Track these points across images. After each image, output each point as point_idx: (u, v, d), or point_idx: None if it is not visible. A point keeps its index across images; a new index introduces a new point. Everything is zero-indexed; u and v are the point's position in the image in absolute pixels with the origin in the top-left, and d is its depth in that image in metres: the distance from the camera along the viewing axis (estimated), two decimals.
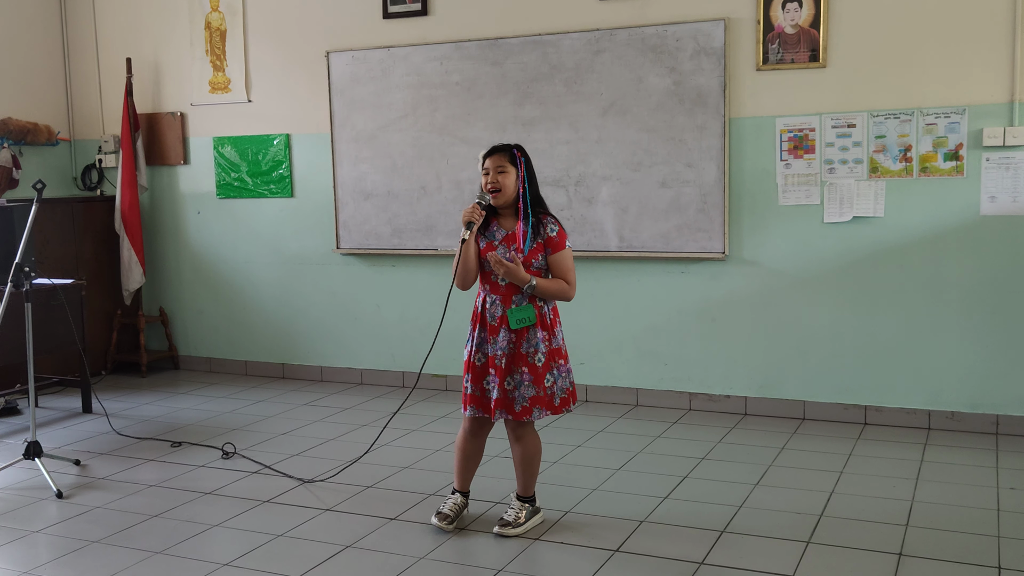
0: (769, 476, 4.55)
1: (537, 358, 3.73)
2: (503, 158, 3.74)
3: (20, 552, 3.84)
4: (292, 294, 6.86)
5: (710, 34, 5.43)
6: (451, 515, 3.93)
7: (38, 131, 6.95)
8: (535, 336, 3.73)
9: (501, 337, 3.74)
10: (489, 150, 3.79)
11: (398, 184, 6.30)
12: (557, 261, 3.74)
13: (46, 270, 6.20)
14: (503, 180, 3.71)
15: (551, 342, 3.77)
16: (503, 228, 3.79)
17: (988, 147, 5.01)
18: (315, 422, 5.71)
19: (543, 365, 3.74)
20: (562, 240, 3.75)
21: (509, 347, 3.73)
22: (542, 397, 3.74)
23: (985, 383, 5.16)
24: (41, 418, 5.90)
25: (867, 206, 5.26)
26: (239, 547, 3.83)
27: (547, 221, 3.75)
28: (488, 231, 3.81)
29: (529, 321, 3.70)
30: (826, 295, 5.41)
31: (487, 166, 3.76)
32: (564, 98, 5.79)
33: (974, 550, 3.64)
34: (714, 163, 5.49)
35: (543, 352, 3.73)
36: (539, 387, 3.73)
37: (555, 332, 3.80)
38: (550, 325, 3.78)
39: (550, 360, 3.76)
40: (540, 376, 3.73)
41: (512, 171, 3.72)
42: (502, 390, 3.75)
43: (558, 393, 3.79)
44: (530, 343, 3.74)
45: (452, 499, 4.00)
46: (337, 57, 6.40)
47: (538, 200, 3.79)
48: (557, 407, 3.79)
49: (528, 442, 3.87)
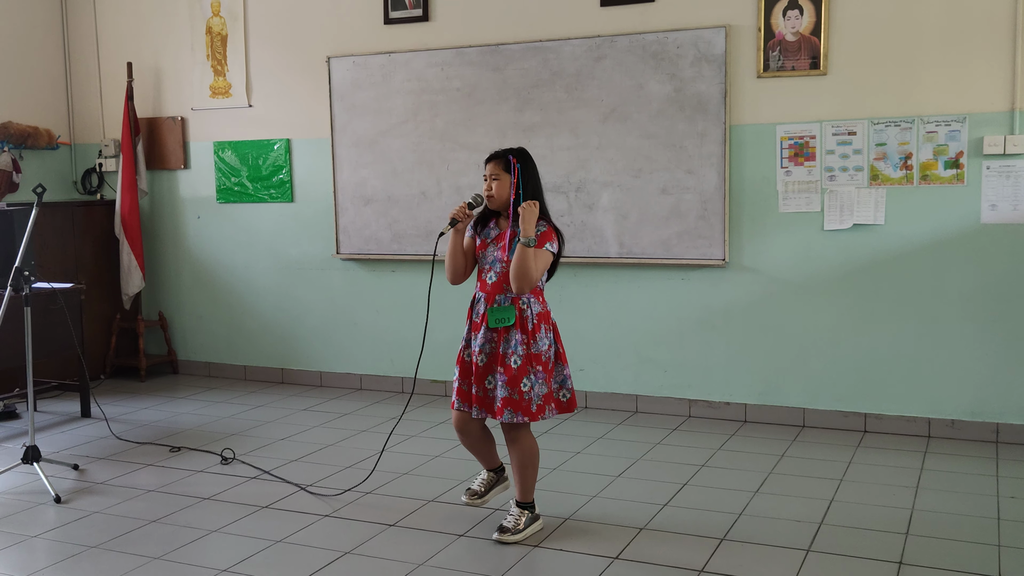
0: (769, 483, 4.54)
1: (513, 360, 3.76)
2: (498, 166, 3.83)
3: (18, 557, 3.83)
4: (292, 299, 6.85)
5: (711, 41, 5.43)
6: (480, 491, 4.06)
7: (39, 135, 6.95)
8: (513, 338, 3.77)
9: (481, 335, 3.82)
10: (489, 156, 3.89)
11: (398, 189, 6.30)
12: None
13: (46, 274, 6.19)
14: (496, 187, 3.82)
15: (530, 347, 3.77)
16: (498, 227, 3.90)
17: (989, 155, 5.01)
18: (314, 427, 5.70)
19: (519, 368, 3.75)
20: (543, 239, 3.76)
21: (489, 346, 3.80)
22: (516, 400, 3.74)
23: (985, 391, 5.15)
24: (40, 422, 5.89)
25: (867, 214, 5.26)
26: (238, 553, 3.82)
27: (539, 224, 3.78)
28: (485, 229, 3.92)
29: (507, 322, 3.75)
30: (826, 303, 5.41)
31: (486, 172, 3.87)
32: (565, 104, 5.79)
33: (974, 559, 3.63)
34: (714, 170, 5.50)
35: (520, 355, 3.76)
36: (513, 389, 3.74)
37: (536, 338, 3.79)
38: (531, 330, 3.78)
39: (527, 364, 3.76)
40: (515, 379, 3.74)
41: (505, 178, 3.81)
42: (481, 388, 3.82)
43: (535, 399, 3.77)
44: (508, 344, 3.77)
45: (481, 475, 4.12)
46: (338, 62, 6.40)
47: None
48: (534, 413, 3.77)
49: (522, 445, 3.87)
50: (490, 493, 4.10)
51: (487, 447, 4.06)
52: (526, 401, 3.75)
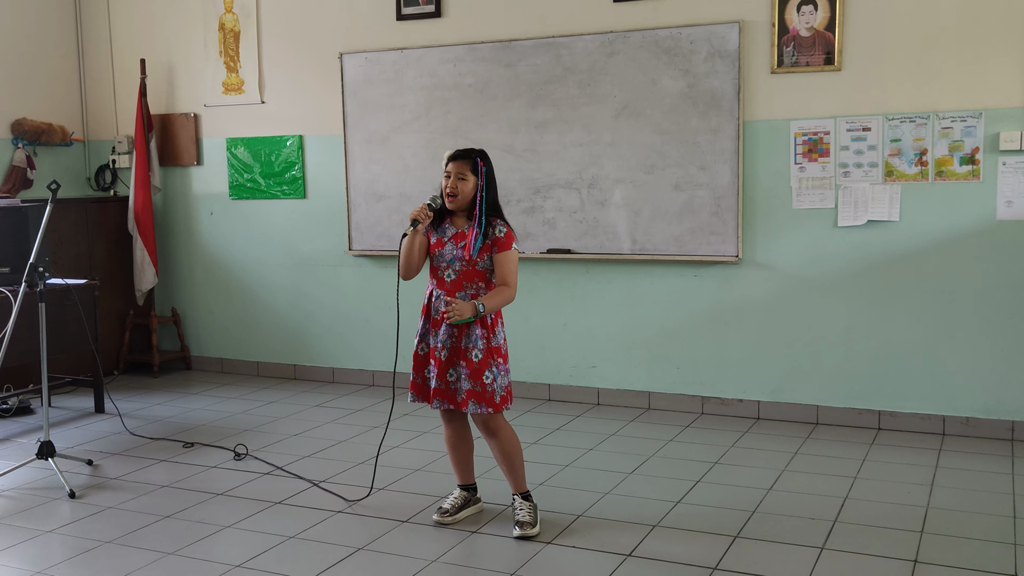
0: (782, 481, 4.52)
1: (475, 354, 3.84)
2: (465, 166, 3.86)
3: (33, 552, 3.85)
4: (304, 295, 6.86)
5: (724, 36, 5.41)
6: (449, 509, 4.07)
7: (52, 131, 6.98)
8: (474, 332, 3.85)
9: (442, 331, 3.89)
10: (453, 154, 3.91)
11: (411, 186, 6.30)
12: (501, 260, 3.87)
13: (60, 270, 6.22)
14: (461, 187, 3.86)
15: (490, 340, 3.87)
16: (454, 227, 3.94)
17: (1005, 151, 4.98)
18: (327, 423, 5.71)
19: (480, 361, 3.84)
20: (508, 241, 3.87)
21: (450, 341, 3.88)
22: (480, 392, 3.84)
23: (1000, 389, 5.12)
24: (54, 418, 5.92)
25: (882, 210, 5.23)
26: (251, 548, 3.83)
27: (497, 223, 3.88)
28: (440, 227, 3.96)
29: (469, 318, 3.82)
30: (840, 299, 5.39)
31: (449, 169, 3.89)
32: (577, 100, 5.78)
33: (990, 557, 3.61)
34: (728, 166, 5.47)
35: (480, 349, 3.85)
36: (476, 382, 3.84)
37: (495, 331, 3.91)
38: (490, 324, 3.89)
39: (488, 357, 3.86)
40: (477, 371, 3.84)
41: (471, 179, 3.86)
42: (443, 380, 3.90)
43: (498, 391, 3.87)
44: (469, 339, 3.85)
45: (453, 494, 4.13)
46: (350, 59, 6.40)
47: (494, 206, 3.92)
48: (498, 404, 3.88)
49: (502, 437, 3.94)
50: (461, 513, 4.08)
51: (465, 453, 4.12)
52: (489, 393, 3.85)
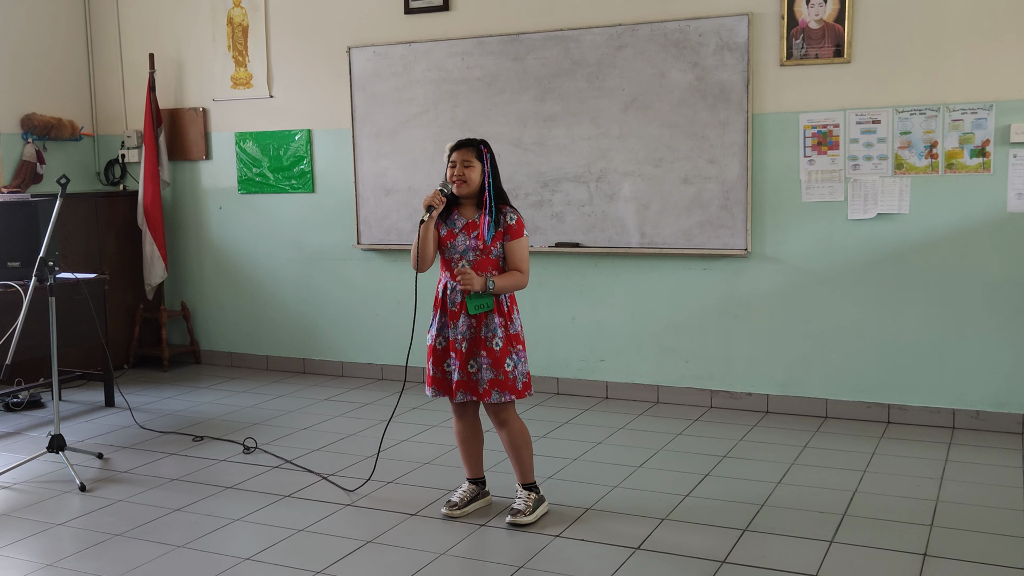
0: (791, 474, 4.52)
1: (495, 343, 3.86)
2: (470, 153, 3.88)
3: (44, 544, 3.87)
4: (313, 289, 6.87)
5: (733, 29, 5.39)
6: (458, 502, 4.07)
7: (62, 126, 7.00)
8: (493, 321, 3.87)
9: (461, 322, 3.89)
10: (456, 143, 3.94)
11: (419, 180, 6.30)
12: (513, 248, 3.90)
13: (69, 264, 6.24)
14: (468, 173, 3.87)
15: (508, 328, 3.90)
16: (463, 217, 3.94)
17: (1015, 143, 4.95)
18: (336, 417, 5.72)
19: (501, 350, 3.86)
20: (520, 228, 3.91)
21: (469, 332, 3.89)
22: (503, 380, 3.86)
23: (1011, 382, 5.10)
24: (64, 411, 5.94)
25: (892, 203, 5.21)
26: (260, 541, 3.84)
27: (507, 211, 3.91)
28: (449, 219, 3.96)
29: (487, 307, 3.85)
30: (849, 293, 5.37)
31: (454, 159, 3.90)
32: (586, 93, 5.77)
33: (1000, 551, 3.60)
34: (737, 159, 5.46)
35: (501, 337, 3.87)
36: (498, 370, 3.86)
37: (512, 319, 3.93)
38: (507, 312, 3.92)
39: (508, 345, 3.88)
40: (499, 360, 3.86)
41: (477, 166, 3.88)
42: (464, 372, 3.90)
43: (519, 377, 3.90)
44: (488, 328, 3.87)
45: (463, 487, 4.14)
46: (359, 52, 6.40)
47: (500, 193, 3.94)
48: (520, 391, 3.91)
49: (512, 427, 3.96)
50: (470, 506, 4.08)
51: (475, 447, 4.12)
52: (511, 380, 3.88)
